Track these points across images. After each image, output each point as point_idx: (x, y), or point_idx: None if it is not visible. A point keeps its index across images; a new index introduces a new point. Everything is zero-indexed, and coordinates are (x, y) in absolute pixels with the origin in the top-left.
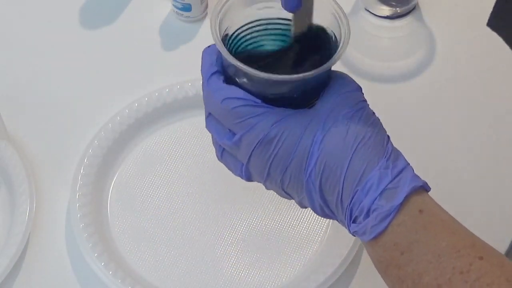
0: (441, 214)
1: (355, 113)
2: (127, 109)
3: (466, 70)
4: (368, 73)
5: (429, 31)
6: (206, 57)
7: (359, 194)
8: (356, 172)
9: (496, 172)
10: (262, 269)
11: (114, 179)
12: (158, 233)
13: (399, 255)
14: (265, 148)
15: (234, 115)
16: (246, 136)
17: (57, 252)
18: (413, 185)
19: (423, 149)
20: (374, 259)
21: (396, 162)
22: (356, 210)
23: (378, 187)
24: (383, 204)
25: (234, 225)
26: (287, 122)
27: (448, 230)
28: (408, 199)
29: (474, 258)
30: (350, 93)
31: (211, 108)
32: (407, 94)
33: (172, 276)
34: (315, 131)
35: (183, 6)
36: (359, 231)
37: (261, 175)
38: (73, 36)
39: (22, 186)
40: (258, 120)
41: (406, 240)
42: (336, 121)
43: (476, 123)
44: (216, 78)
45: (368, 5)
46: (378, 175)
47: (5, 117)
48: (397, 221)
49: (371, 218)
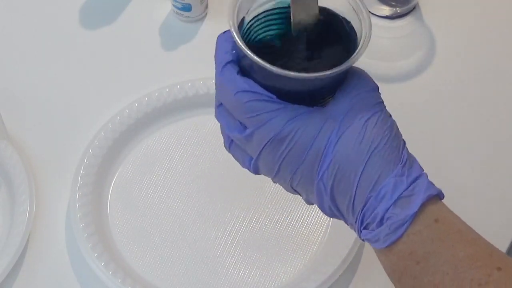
0: (457, 223)
1: (372, 115)
2: (127, 109)
3: (466, 70)
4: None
5: (429, 31)
6: (222, 44)
7: (372, 201)
8: (370, 178)
9: (497, 171)
10: (262, 269)
11: (114, 179)
12: (158, 233)
13: (415, 264)
14: (277, 145)
15: (247, 109)
16: (258, 131)
17: (57, 252)
18: (428, 193)
19: (423, 149)
20: (387, 267)
21: (411, 169)
22: (369, 217)
23: (393, 194)
24: (397, 213)
25: (234, 225)
26: (302, 120)
27: (464, 240)
28: (423, 208)
29: (492, 269)
30: (367, 93)
31: (223, 99)
32: (407, 94)
33: (172, 276)
34: (330, 132)
35: (183, 6)
36: (371, 238)
37: (270, 171)
38: (73, 36)
39: (22, 186)
40: (271, 116)
41: (422, 250)
42: (352, 123)
43: (476, 123)
44: (231, 67)
45: (368, 5)
46: (393, 182)
47: (5, 117)
48: (412, 230)
49: (385, 226)
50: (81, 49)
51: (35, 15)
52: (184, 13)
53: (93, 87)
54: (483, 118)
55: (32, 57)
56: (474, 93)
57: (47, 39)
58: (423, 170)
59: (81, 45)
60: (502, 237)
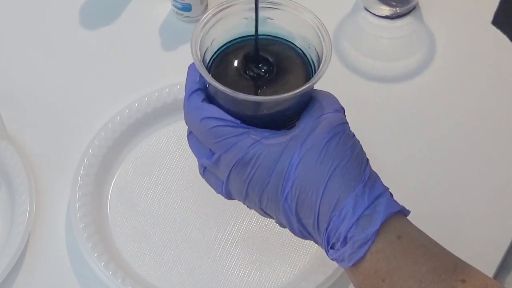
0: (420, 238)
1: (333, 136)
2: (127, 109)
3: (466, 70)
4: (368, 73)
5: (429, 31)
6: (191, 73)
7: (335, 221)
8: (331, 198)
9: (497, 171)
10: (262, 269)
11: (114, 179)
12: (158, 233)
13: (381, 282)
14: (243, 169)
15: (213, 135)
16: (224, 156)
17: (57, 252)
18: (389, 211)
19: (422, 149)
20: (356, 285)
21: (373, 188)
22: (333, 236)
23: (354, 214)
24: (359, 232)
25: (234, 225)
26: (265, 143)
27: (428, 254)
28: (386, 226)
29: (456, 281)
30: (331, 114)
31: (191, 126)
32: (407, 94)
33: (172, 276)
34: (292, 153)
35: (183, 6)
36: (337, 258)
37: (240, 194)
38: (73, 36)
39: (22, 186)
40: (236, 141)
41: (386, 267)
42: (313, 144)
43: (476, 123)
44: (197, 96)
45: (368, 5)
46: (354, 201)
47: (5, 117)
48: (376, 248)
49: (348, 245)
50: (81, 49)
51: (35, 15)
52: (184, 13)
53: (93, 87)
54: (483, 118)
55: (32, 57)
56: (474, 93)
57: (47, 39)
58: (387, 189)
59: (81, 45)
60: (502, 237)
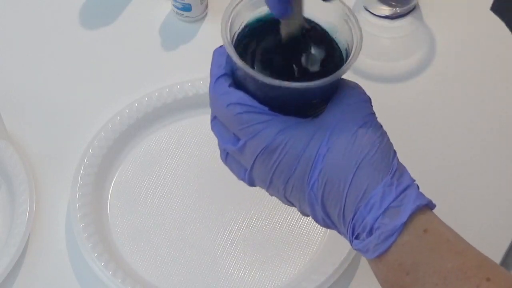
0: (447, 233)
1: (362, 125)
2: (127, 109)
3: (466, 70)
4: (368, 73)
5: (429, 31)
6: (216, 58)
7: (362, 211)
8: (359, 188)
9: (498, 171)
10: (262, 269)
11: (114, 179)
12: (158, 233)
13: (404, 275)
14: (269, 156)
15: (239, 121)
16: (250, 142)
17: (57, 252)
18: (417, 204)
19: (423, 149)
20: (379, 277)
21: (400, 179)
22: (359, 227)
23: (382, 204)
24: (386, 223)
25: (234, 225)
26: (292, 131)
27: (454, 250)
28: (413, 218)
29: (481, 279)
30: (359, 104)
31: (216, 112)
32: (407, 94)
33: (172, 276)
34: (320, 143)
35: (183, 6)
36: (362, 248)
37: (264, 182)
38: (73, 36)
39: (22, 186)
40: (262, 128)
41: (411, 260)
42: (341, 134)
43: (476, 123)
44: (223, 81)
45: (368, 5)
46: (382, 192)
47: (5, 117)
48: (401, 240)
49: (374, 236)
50: (81, 49)
51: (35, 15)
52: (184, 13)
53: (93, 87)
54: (483, 118)
55: (32, 57)
56: (474, 93)
57: (47, 39)
58: (414, 180)
59: (81, 45)
60: (502, 237)
